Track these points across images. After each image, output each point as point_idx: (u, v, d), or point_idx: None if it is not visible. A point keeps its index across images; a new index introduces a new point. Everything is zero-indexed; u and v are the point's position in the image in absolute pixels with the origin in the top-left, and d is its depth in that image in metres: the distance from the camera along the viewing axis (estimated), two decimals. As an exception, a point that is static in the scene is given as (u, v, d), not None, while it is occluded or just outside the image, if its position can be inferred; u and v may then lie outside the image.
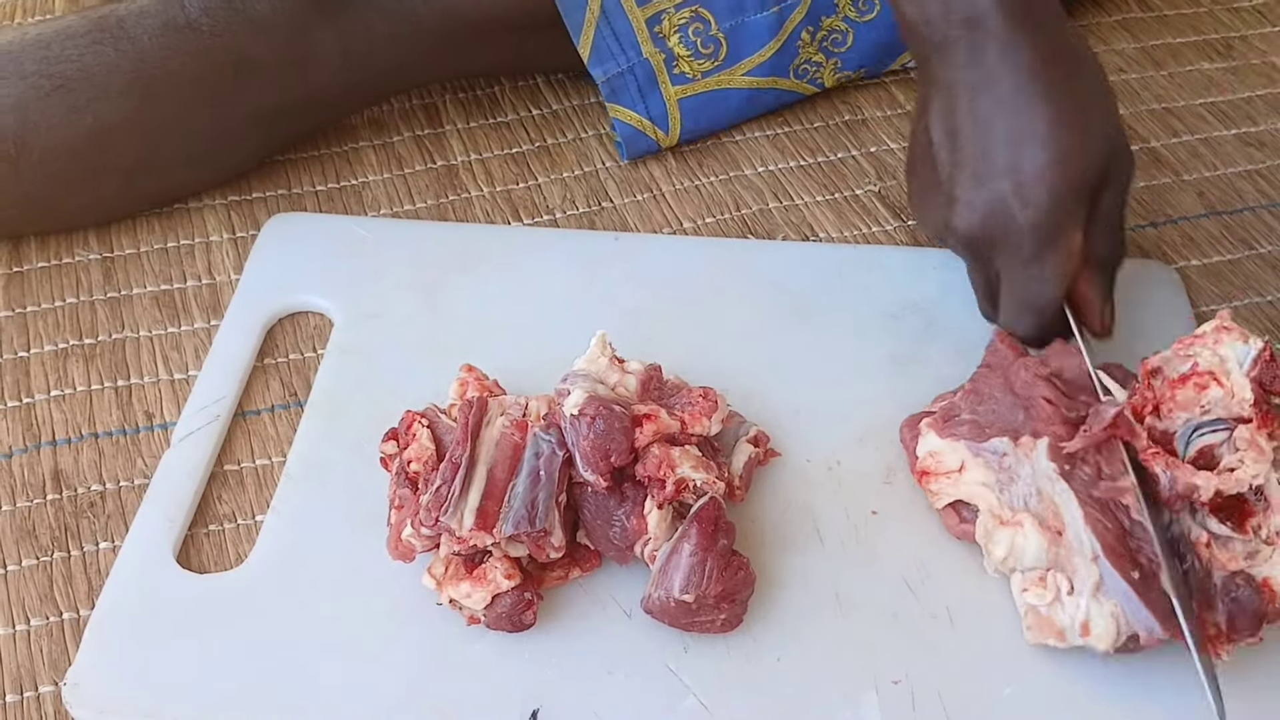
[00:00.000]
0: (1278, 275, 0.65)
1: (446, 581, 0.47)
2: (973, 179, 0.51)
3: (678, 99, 0.68)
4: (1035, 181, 0.49)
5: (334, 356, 0.58)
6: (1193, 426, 0.48)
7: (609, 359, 0.51)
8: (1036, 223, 0.50)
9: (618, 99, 0.68)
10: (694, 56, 0.68)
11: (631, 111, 0.68)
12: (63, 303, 0.62)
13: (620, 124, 0.68)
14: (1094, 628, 0.45)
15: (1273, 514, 0.46)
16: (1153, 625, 0.45)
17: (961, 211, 0.51)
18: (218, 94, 0.62)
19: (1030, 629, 0.47)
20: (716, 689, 0.47)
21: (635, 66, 0.67)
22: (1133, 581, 0.45)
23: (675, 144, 0.70)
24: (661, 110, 0.68)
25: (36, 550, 0.52)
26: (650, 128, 0.69)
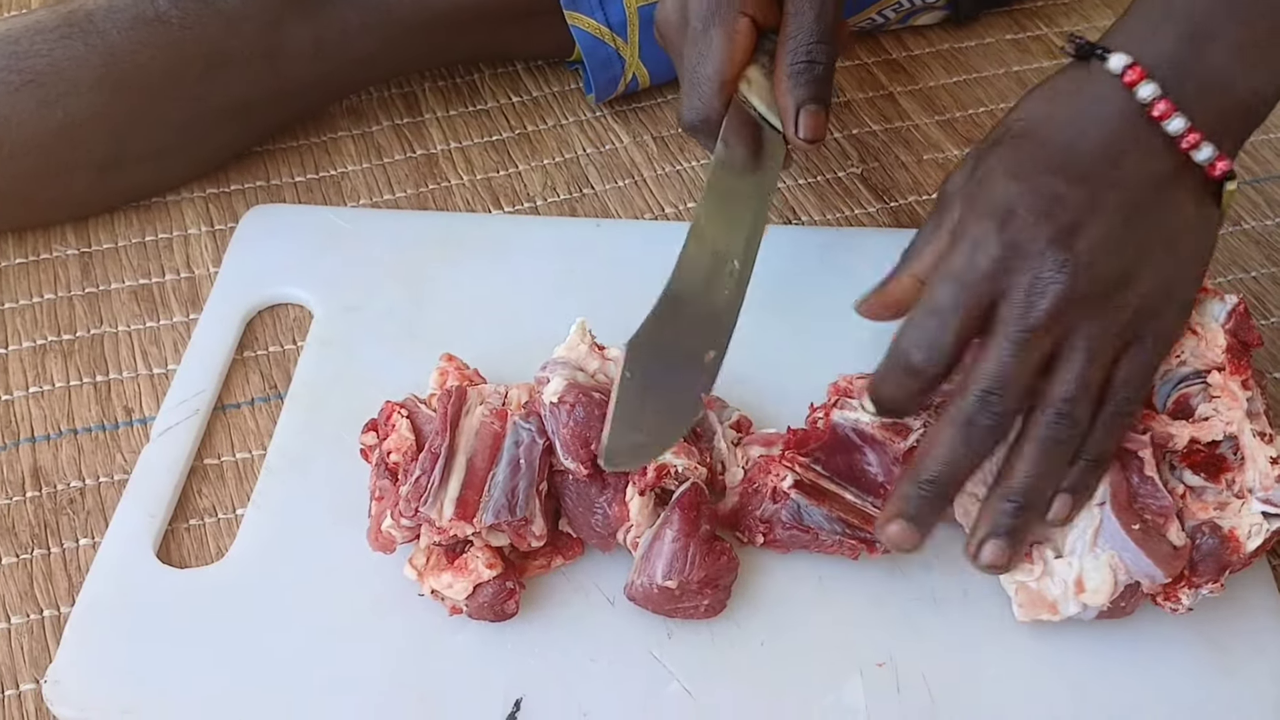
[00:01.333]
0: (1262, 251, 0.65)
1: (428, 572, 0.47)
2: None
3: (637, 6, 0.67)
4: None
5: (314, 348, 0.58)
6: (1171, 382, 0.49)
7: (589, 346, 0.51)
8: None
9: (576, 6, 0.67)
10: None
11: (590, 19, 0.67)
12: (40, 299, 0.62)
13: (579, 33, 0.67)
14: (1089, 583, 0.45)
15: (1246, 469, 0.47)
16: (1154, 572, 0.45)
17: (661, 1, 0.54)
18: (188, 87, 0.62)
19: (1021, 606, 0.47)
20: (700, 675, 0.46)
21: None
22: (1133, 533, 0.45)
23: (638, 59, 0.68)
24: (621, 18, 0.67)
25: (16, 548, 0.52)
26: (609, 35, 0.67)
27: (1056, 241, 0.44)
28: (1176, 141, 0.45)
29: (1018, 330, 0.44)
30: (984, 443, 0.44)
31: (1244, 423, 0.47)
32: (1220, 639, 0.48)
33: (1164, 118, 0.45)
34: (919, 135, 0.71)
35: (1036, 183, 0.45)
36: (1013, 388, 0.44)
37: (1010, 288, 0.44)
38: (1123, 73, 0.45)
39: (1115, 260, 0.44)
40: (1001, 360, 0.44)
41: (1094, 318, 0.44)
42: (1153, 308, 0.45)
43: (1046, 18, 0.79)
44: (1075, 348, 0.44)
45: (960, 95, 0.74)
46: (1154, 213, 0.45)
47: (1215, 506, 0.47)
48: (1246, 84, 0.45)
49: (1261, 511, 0.46)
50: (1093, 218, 0.44)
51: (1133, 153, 0.45)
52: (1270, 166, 0.70)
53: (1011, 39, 0.78)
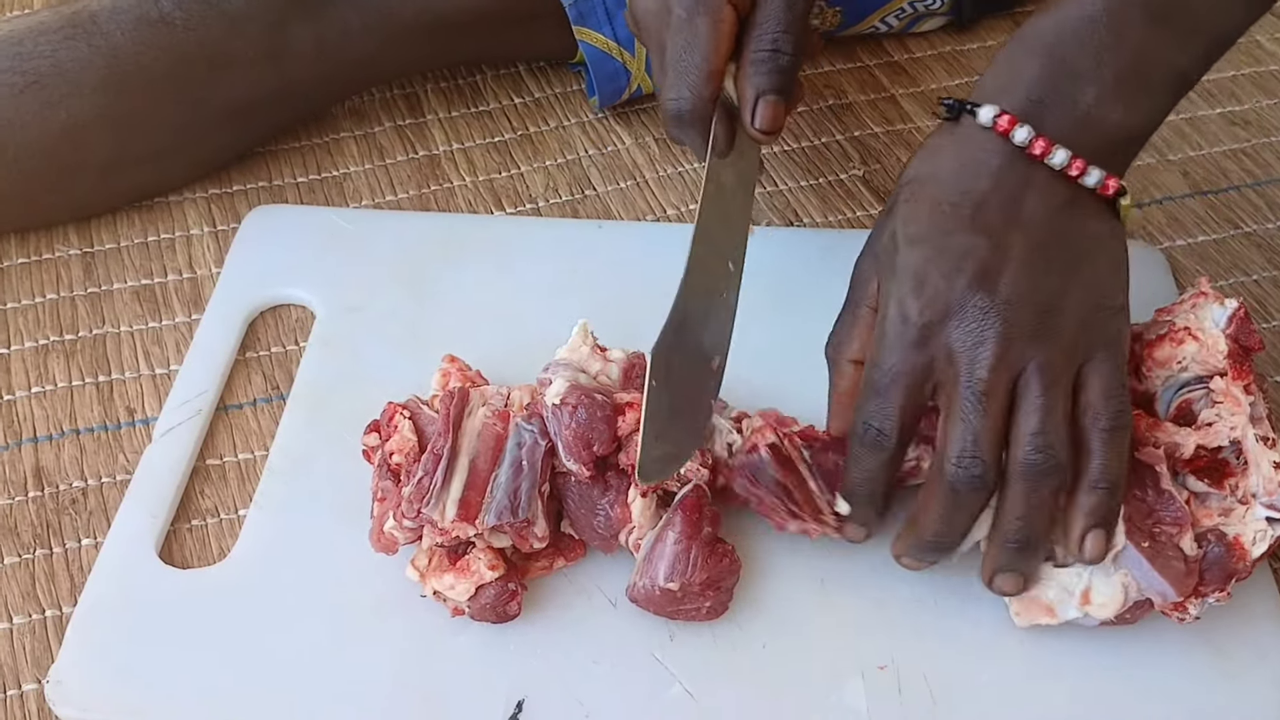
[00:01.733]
0: (1263, 254, 0.65)
1: (430, 573, 0.47)
2: None
3: None
4: None
5: (316, 349, 0.58)
6: (1173, 388, 0.49)
7: (591, 348, 0.51)
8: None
9: (585, 22, 0.67)
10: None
11: (598, 34, 0.67)
12: (43, 299, 0.62)
13: (587, 47, 0.67)
14: (1096, 596, 0.45)
15: (1250, 473, 0.47)
16: (1167, 590, 0.45)
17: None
18: (192, 88, 0.62)
19: (1018, 614, 0.47)
20: (702, 677, 0.46)
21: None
22: (1144, 550, 0.45)
23: (644, 72, 0.69)
24: (628, 32, 0.67)
25: (18, 548, 0.52)
26: (617, 49, 0.68)
27: (975, 291, 0.44)
28: (1065, 173, 0.46)
29: (968, 386, 0.44)
30: (973, 501, 0.45)
31: (1247, 427, 0.47)
32: (1221, 644, 0.48)
33: (1045, 154, 0.46)
34: (920, 137, 0.71)
35: (940, 243, 0.46)
36: (984, 443, 0.44)
37: (946, 349, 0.45)
38: (994, 123, 0.46)
39: (1038, 291, 0.45)
40: (965, 420, 0.44)
41: (1037, 349, 0.44)
42: (1089, 321, 0.46)
43: (1048, 20, 0.79)
44: (1029, 382, 0.44)
45: (961, 97, 0.74)
46: (1063, 239, 0.46)
47: (1219, 513, 0.47)
48: (1115, 117, 0.47)
49: (1265, 517, 0.46)
50: (1005, 260, 0.45)
51: (1026, 192, 0.46)
52: (1271, 170, 0.70)
53: (1013, 42, 0.78)
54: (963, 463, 0.44)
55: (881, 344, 0.46)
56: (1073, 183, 0.47)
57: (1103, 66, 0.46)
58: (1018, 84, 0.47)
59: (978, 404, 0.44)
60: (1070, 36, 0.47)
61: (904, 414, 0.45)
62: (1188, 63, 0.48)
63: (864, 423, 0.46)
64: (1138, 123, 0.48)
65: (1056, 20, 0.47)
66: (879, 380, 0.46)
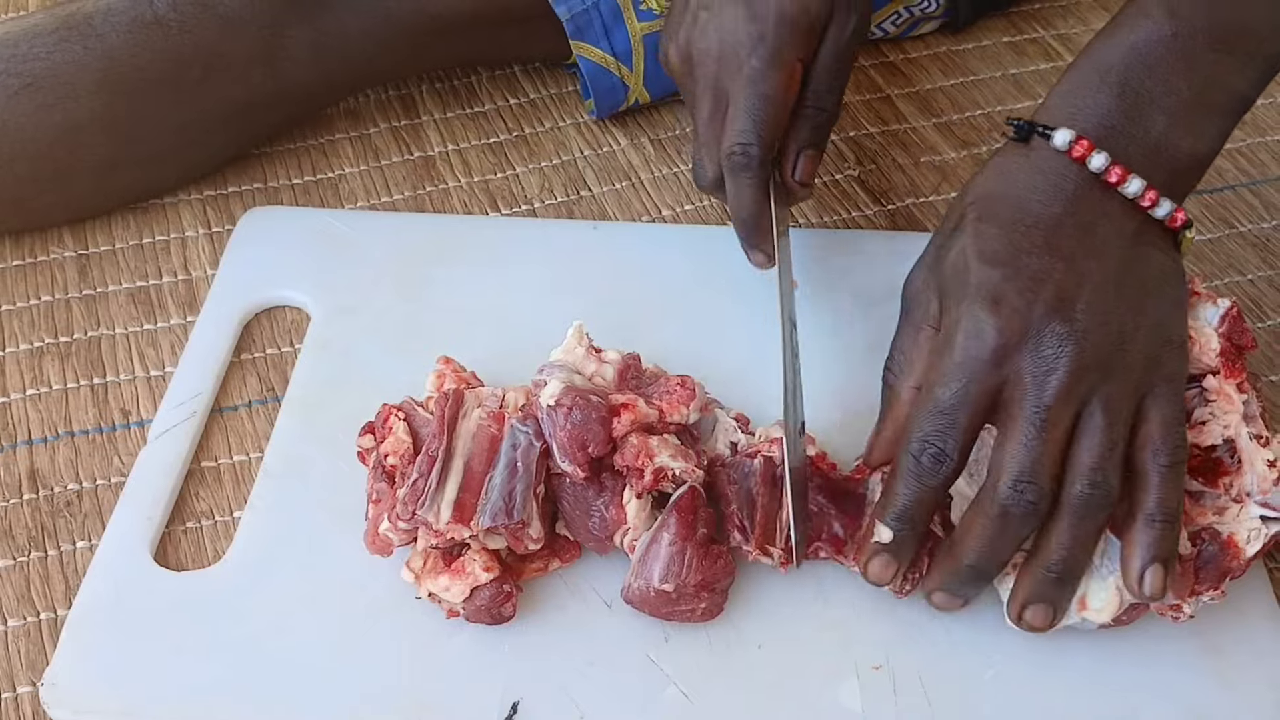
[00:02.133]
0: (1258, 254, 0.65)
1: (425, 575, 0.47)
2: (712, 2, 0.54)
3: (642, 34, 0.67)
4: (766, 4, 0.52)
5: (311, 351, 0.58)
6: None
7: (585, 349, 0.51)
8: (761, 36, 0.52)
9: (582, 36, 0.67)
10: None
11: (595, 48, 0.67)
12: (38, 301, 0.62)
13: (585, 61, 0.68)
14: (1093, 601, 0.45)
15: (1244, 472, 0.47)
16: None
17: (699, 29, 0.54)
18: (187, 90, 0.62)
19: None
20: (697, 678, 0.46)
21: (601, 3, 0.67)
22: None
23: (642, 88, 0.69)
24: (626, 46, 0.67)
25: (13, 550, 0.52)
26: (614, 64, 0.68)
27: (1053, 317, 0.44)
28: (1137, 203, 0.46)
29: (1034, 411, 0.43)
30: (1022, 528, 0.44)
31: (1241, 426, 0.47)
32: (1217, 644, 0.48)
33: (1120, 182, 0.46)
34: (916, 138, 0.71)
35: (1018, 264, 0.45)
36: (1043, 471, 0.43)
37: (1017, 371, 0.44)
38: (1069, 148, 0.46)
39: (1112, 322, 0.45)
40: (1027, 445, 0.43)
41: (1105, 382, 0.44)
42: (1155, 356, 0.45)
43: (1043, 20, 0.79)
44: (1093, 415, 0.44)
45: (957, 98, 0.74)
46: (1133, 270, 0.46)
47: (1213, 512, 0.47)
48: (1185, 145, 0.47)
49: (1259, 515, 0.46)
50: (1080, 287, 0.45)
51: (1100, 220, 0.46)
52: (1266, 170, 0.70)
53: (1008, 41, 0.78)
54: (1019, 486, 0.43)
55: (950, 362, 0.45)
56: (1143, 213, 0.47)
57: (1172, 93, 0.46)
58: (1090, 108, 0.47)
59: (1041, 430, 0.43)
60: (1139, 62, 0.47)
61: (967, 435, 0.44)
62: (1248, 86, 0.48)
63: (923, 441, 0.44)
64: (1204, 150, 0.48)
65: (1125, 44, 0.47)
66: (946, 399, 0.44)
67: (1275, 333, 0.61)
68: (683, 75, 0.56)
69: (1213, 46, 0.46)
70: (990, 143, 0.71)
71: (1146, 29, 0.47)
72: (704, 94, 0.55)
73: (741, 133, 0.53)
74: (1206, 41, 0.46)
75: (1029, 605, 0.45)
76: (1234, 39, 0.47)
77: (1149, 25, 0.47)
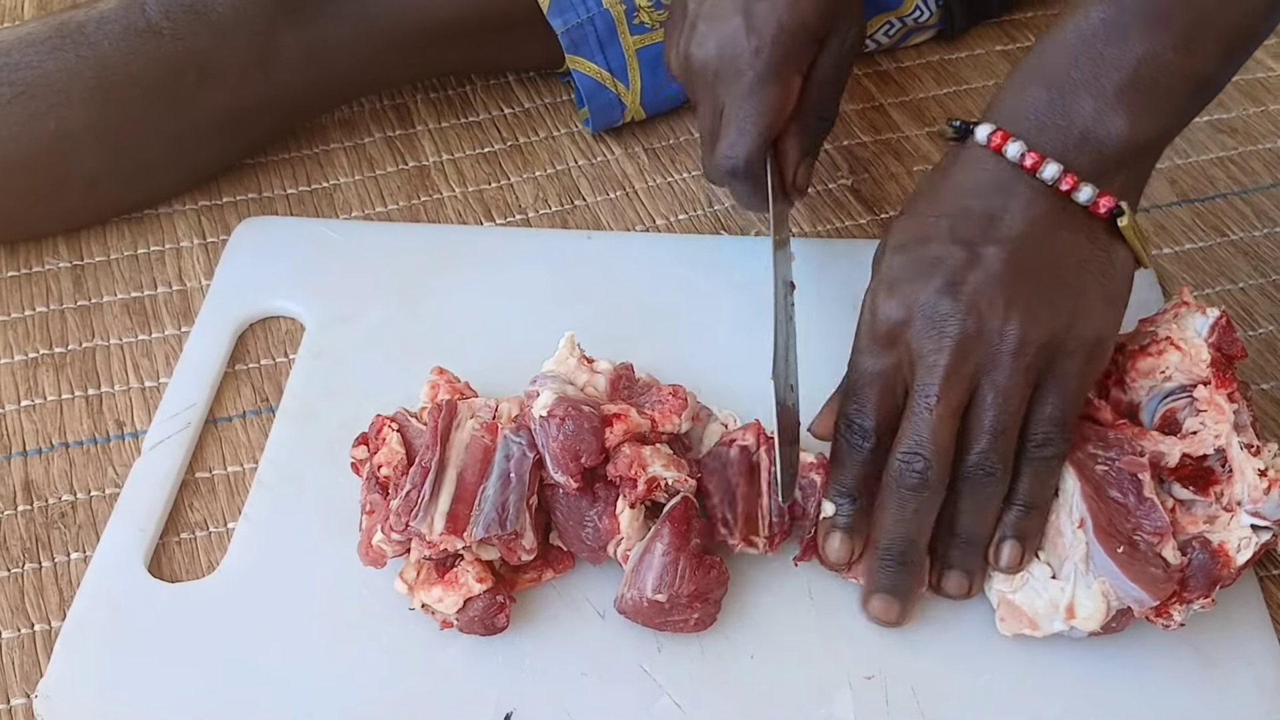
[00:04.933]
0: (1250, 262, 0.65)
1: (418, 586, 0.47)
2: (711, 12, 0.55)
3: (636, 49, 0.68)
4: (765, 17, 0.54)
5: (305, 361, 0.58)
6: (1157, 398, 0.50)
7: (578, 359, 0.51)
8: (759, 49, 0.53)
9: (577, 50, 0.67)
10: (654, 6, 0.67)
11: (591, 63, 0.68)
12: (32, 311, 0.62)
13: (580, 76, 0.68)
14: (1080, 610, 0.45)
15: (1235, 481, 0.47)
16: (1142, 596, 0.45)
17: (697, 39, 0.55)
18: (180, 98, 0.62)
19: (1003, 620, 0.47)
20: (690, 689, 0.47)
21: (595, 17, 0.67)
22: (1117, 556, 0.45)
23: (638, 104, 0.69)
24: (621, 62, 0.68)
25: (7, 562, 0.52)
26: (610, 80, 0.68)
27: (940, 298, 0.46)
28: (1055, 188, 0.46)
29: (920, 387, 0.45)
30: (919, 502, 0.46)
31: (1231, 435, 0.48)
32: (1208, 651, 0.48)
33: (1035, 168, 0.46)
34: (909, 147, 0.71)
35: (918, 251, 0.47)
36: (929, 445, 0.45)
37: (909, 350, 0.46)
38: (988, 140, 0.47)
39: (1002, 303, 0.45)
40: (914, 418, 0.45)
41: (993, 364, 0.45)
42: (1058, 345, 0.46)
43: (1036, 29, 0.80)
44: (983, 395, 0.45)
45: (950, 106, 0.74)
46: (1042, 255, 0.46)
47: (1204, 520, 0.47)
48: (1117, 129, 0.46)
49: (1250, 524, 0.46)
50: (972, 269, 0.46)
51: (1011, 206, 0.47)
52: (1257, 178, 0.70)
53: (1001, 50, 0.78)
54: (906, 458, 0.45)
55: (855, 345, 0.48)
56: (1065, 199, 0.47)
57: (1101, 78, 0.46)
58: (1017, 103, 0.47)
59: (927, 405, 0.45)
60: (1068, 52, 0.47)
61: (879, 411, 0.47)
62: (1201, 64, 0.46)
63: (845, 420, 0.48)
64: (1146, 133, 0.47)
65: (1055, 39, 0.47)
66: (855, 380, 0.48)
67: (1267, 341, 0.61)
68: (683, 81, 0.58)
69: (1149, 26, 0.45)
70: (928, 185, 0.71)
71: (1078, 19, 0.47)
72: (704, 101, 0.57)
73: (731, 145, 0.55)
74: (1140, 22, 0.46)
75: (944, 572, 0.47)
76: (1174, 14, 0.45)
77: (1081, 15, 0.47)
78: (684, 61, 0.56)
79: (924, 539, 0.47)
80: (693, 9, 0.56)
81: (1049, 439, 0.46)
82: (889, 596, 0.47)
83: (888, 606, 0.47)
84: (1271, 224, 0.67)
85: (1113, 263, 0.47)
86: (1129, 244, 0.48)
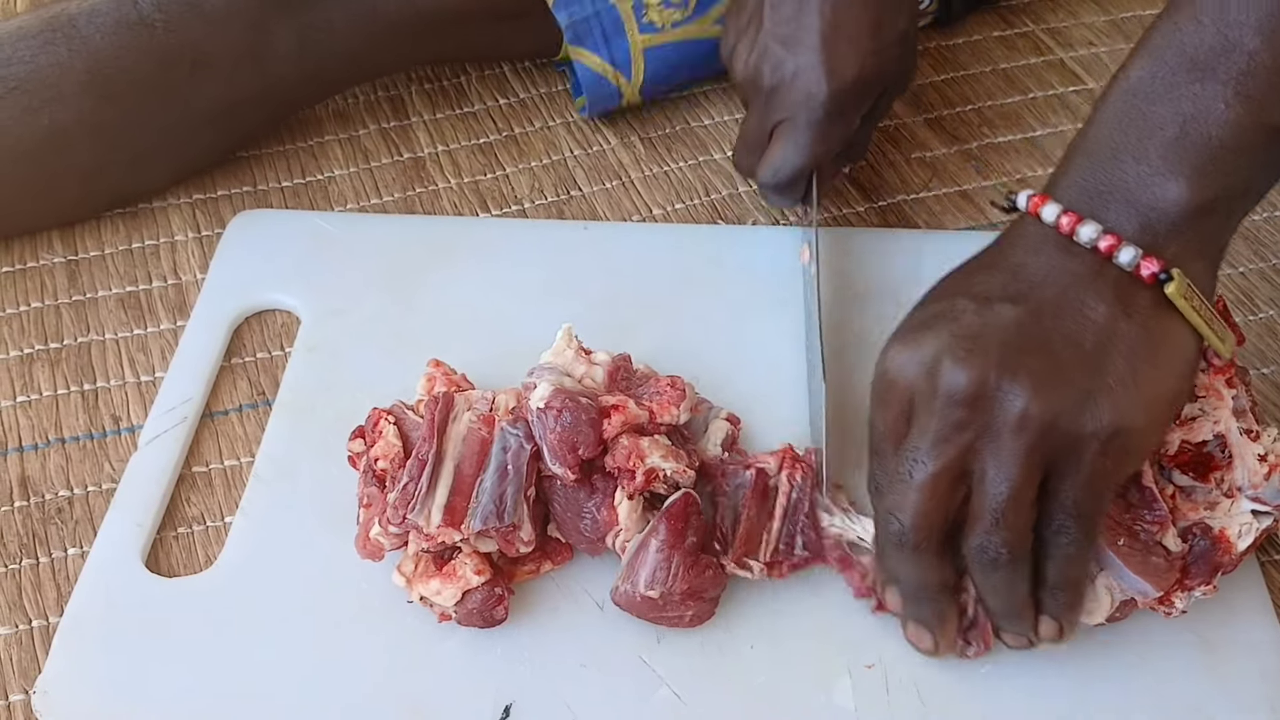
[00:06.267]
0: (1250, 247, 0.65)
1: (416, 579, 0.47)
2: (790, 37, 0.56)
3: (643, 48, 0.67)
4: (845, 61, 0.55)
5: (301, 354, 0.57)
6: None
7: (575, 351, 0.51)
8: (835, 93, 0.55)
9: (581, 42, 0.67)
10: (663, 4, 0.67)
11: (594, 55, 0.67)
12: (27, 307, 0.62)
13: (581, 67, 0.67)
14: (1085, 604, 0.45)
15: (1235, 467, 0.47)
16: (1145, 588, 0.45)
17: (773, 61, 0.56)
18: (173, 90, 0.61)
19: None
20: (690, 679, 0.46)
21: (602, 13, 0.66)
22: (1118, 549, 0.45)
23: (637, 96, 0.69)
24: (625, 56, 0.67)
25: (4, 558, 0.52)
26: (612, 72, 0.68)
27: (941, 351, 0.42)
28: (1094, 251, 0.42)
29: (908, 451, 0.42)
30: (914, 560, 0.43)
31: (1231, 421, 0.47)
32: (1211, 639, 0.48)
33: (1072, 229, 0.42)
34: (906, 134, 0.71)
35: (932, 308, 0.44)
36: (910, 513, 0.42)
37: (910, 404, 0.43)
38: (1028, 205, 0.44)
39: (1008, 369, 0.41)
40: (896, 484, 0.43)
41: (997, 437, 0.41)
42: (1068, 428, 0.41)
43: (1034, 14, 0.79)
44: (983, 471, 0.41)
45: (948, 93, 0.74)
46: (1063, 321, 0.42)
47: (1205, 506, 0.47)
48: (1168, 191, 0.42)
49: (1251, 510, 0.46)
50: (981, 327, 0.42)
51: (1035, 264, 0.43)
52: (1258, 162, 0.69)
53: (999, 36, 0.78)
54: (886, 517, 0.43)
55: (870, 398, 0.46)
56: (1104, 262, 0.42)
57: (1145, 140, 0.42)
58: (1063, 172, 0.45)
59: (909, 474, 0.42)
60: (1113, 115, 0.43)
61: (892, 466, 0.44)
62: (1263, 112, 0.41)
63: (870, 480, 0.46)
64: (1203, 195, 0.42)
65: (1103, 102, 0.44)
66: (871, 439, 0.46)
67: (1267, 326, 0.61)
68: (741, 85, 0.59)
69: (1191, 79, 0.42)
70: (981, 138, 0.71)
71: (1121, 78, 0.44)
72: (758, 110, 0.58)
73: (784, 161, 0.57)
74: (1184, 75, 0.42)
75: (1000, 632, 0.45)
76: (1216, 63, 0.41)
77: (1123, 74, 0.44)
78: (751, 74, 0.57)
79: (936, 586, 0.44)
80: (769, 27, 0.57)
81: (1063, 528, 0.42)
82: (919, 626, 0.45)
83: (919, 634, 0.45)
84: (1271, 208, 0.67)
85: (1155, 339, 0.42)
86: (1187, 319, 0.42)
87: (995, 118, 0.72)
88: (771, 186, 0.58)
